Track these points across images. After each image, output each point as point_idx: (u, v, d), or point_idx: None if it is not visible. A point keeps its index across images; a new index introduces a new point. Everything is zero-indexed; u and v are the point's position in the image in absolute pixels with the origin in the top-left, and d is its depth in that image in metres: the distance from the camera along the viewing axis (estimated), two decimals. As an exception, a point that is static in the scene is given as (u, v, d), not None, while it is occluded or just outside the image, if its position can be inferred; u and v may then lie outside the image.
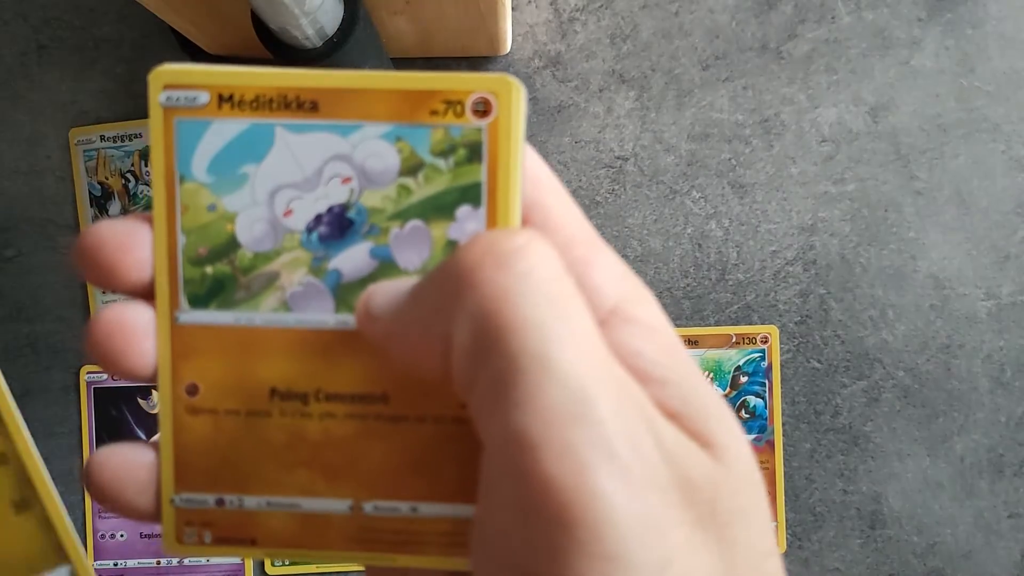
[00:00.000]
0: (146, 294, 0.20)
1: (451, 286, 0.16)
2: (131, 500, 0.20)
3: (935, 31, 0.59)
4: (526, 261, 0.16)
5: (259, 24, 0.41)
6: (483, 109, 0.19)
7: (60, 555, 0.20)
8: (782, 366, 0.59)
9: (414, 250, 0.19)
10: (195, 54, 0.54)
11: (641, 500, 0.15)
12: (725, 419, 0.17)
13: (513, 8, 0.58)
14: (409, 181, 0.19)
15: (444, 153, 0.19)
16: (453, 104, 0.19)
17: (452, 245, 0.19)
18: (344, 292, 0.19)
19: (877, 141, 0.59)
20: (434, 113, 0.19)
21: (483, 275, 0.16)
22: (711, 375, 0.60)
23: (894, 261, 0.59)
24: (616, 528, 0.14)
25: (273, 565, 0.60)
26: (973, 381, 0.59)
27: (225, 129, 0.19)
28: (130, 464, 0.20)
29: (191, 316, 0.19)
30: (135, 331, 0.19)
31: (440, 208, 0.19)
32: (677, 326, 0.59)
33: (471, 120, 0.19)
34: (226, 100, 0.19)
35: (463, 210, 0.19)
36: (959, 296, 0.59)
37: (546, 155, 0.59)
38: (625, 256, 0.59)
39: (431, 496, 0.19)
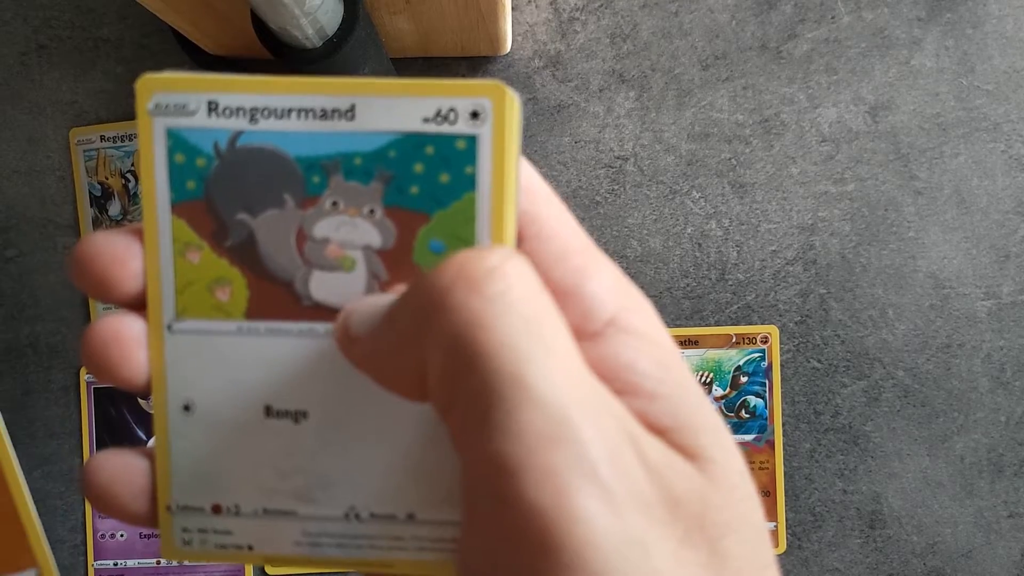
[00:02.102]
0: (141, 305, 0.20)
1: (423, 310, 0.16)
2: (127, 505, 0.20)
3: (935, 31, 0.59)
4: (500, 282, 0.16)
5: (259, 24, 0.41)
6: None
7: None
8: (782, 366, 0.59)
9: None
10: (195, 54, 0.54)
11: (624, 520, 0.14)
12: (717, 432, 0.17)
13: (513, 8, 0.58)
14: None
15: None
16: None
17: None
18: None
19: (877, 141, 0.59)
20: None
21: (455, 299, 0.15)
22: (711, 375, 0.60)
23: (894, 261, 0.59)
24: (599, 550, 0.14)
25: (269, 569, 0.60)
26: (973, 381, 0.59)
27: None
28: (126, 469, 0.20)
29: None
30: (130, 342, 0.19)
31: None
32: (677, 326, 0.59)
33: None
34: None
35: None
36: (959, 296, 0.59)
37: (546, 155, 0.59)
38: (625, 256, 0.59)
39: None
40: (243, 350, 0.19)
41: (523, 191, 0.19)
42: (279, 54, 0.42)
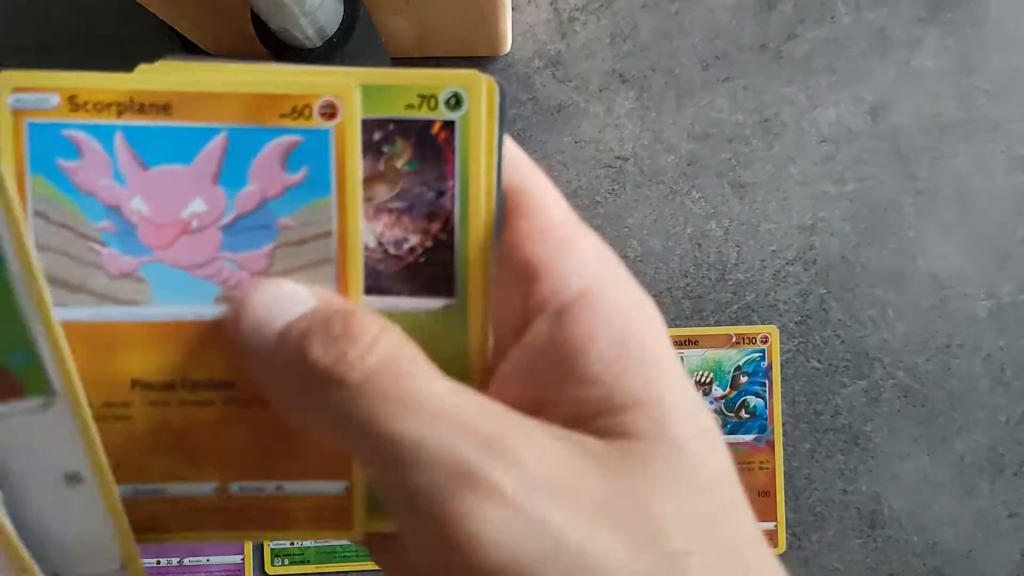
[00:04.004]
0: None
1: (296, 387, 0.18)
2: None
3: (935, 31, 0.59)
4: (363, 366, 0.17)
5: (259, 24, 0.41)
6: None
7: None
8: (782, 366, 0.59)
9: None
10: (195, 53, 0.54)
11: (517, 508, 0.16)
12: (652, 407, 0.18)
13: (513, 8, 0.58)
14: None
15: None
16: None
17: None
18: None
19: (877, 141, 0.59)
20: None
21: (328, 396, 0.17)
22: (711, 375, 0.60)
23: (894, 261, 0.59)
24: (500, 539, 0.16)
25: (272, 565, 0.60)
26: (973, 381, 0.59)
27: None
28: None
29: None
30: None
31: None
32: (677, 326, 0.59)
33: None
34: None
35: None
36: (959, 296, 0.59)
37: (546, 155, 0.59)
38: (625, 256, 0.59)
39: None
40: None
41: (508, 164, 0.20)
42: (279, 54, 0.42)
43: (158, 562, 0.61)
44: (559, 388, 0.18)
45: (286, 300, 0.18)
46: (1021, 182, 0.59)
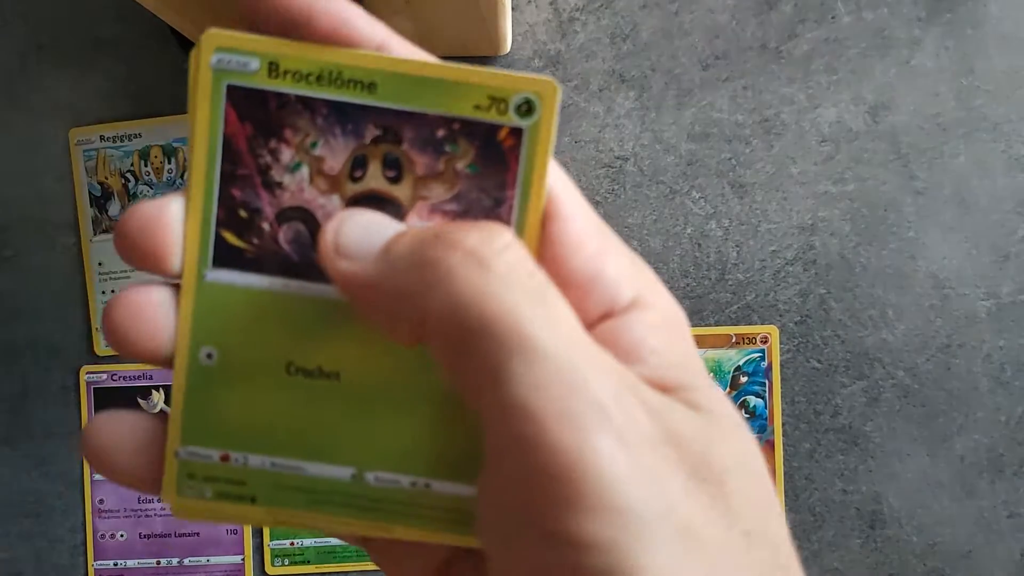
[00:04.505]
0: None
1: (429, 275, 0.17)
2: (126, 462, 0.20)
3: (935, 31, 0.59)
4: (505, 263, 0.17)
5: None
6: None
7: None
8: (782, 366, 0.59)
9: None
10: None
11: (637, 456, 0.16)
12: (714, 391, 0.19)
13: (513, 8, 0.58)
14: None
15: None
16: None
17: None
18: None
19: (877, 141, 0.59)
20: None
21: (463, 272, 0.17)
22: (711, 375, 0.60)
23: (894, 261, 0.59)
24: (618, 482, 0.15)
25: (273, 565, 0.60)
26: (973, 381, 0.59)
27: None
28: (128, 427, 0.20)
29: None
30: (155, 312, 0.19)
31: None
32: (677, 326, 0.59)
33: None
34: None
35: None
36: (959, 296, 0.59)
37: (546, 155, 0.59)
38: (625, 256, 0.59)
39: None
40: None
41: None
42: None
43: (158, 562, 0.61)
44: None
45: (385, 219, 0.19)
46: (1021, 182, 0.59)
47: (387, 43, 0.19)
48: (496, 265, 0.17)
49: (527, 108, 0.19)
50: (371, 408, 0.20)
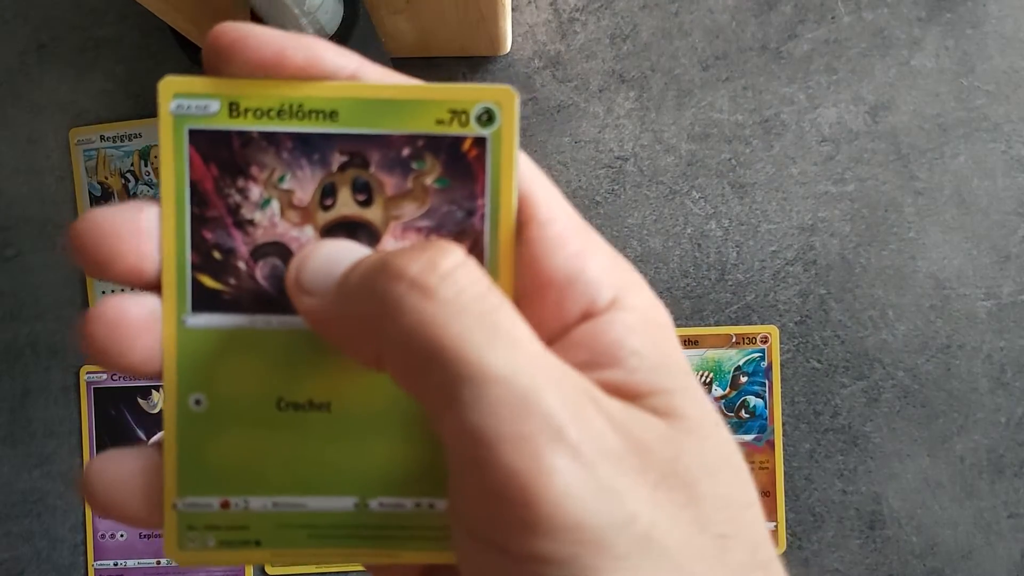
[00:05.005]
0: (143, 284, 0.19)
1: (377, 307, 0.17)
2: (127, 507, 0.19)
3: (935, 31, 0.59)
4: (453, 287, 0.17)
5: (259, 24, 0.41)
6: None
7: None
8: (782, 366, 0.59)
9: None
10: (195, 54, 0.54)
11: (594, 470, 0.16)
12: (689, 392, 0.19)
13: (513, 8, 0.58)
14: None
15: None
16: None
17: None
18: None
19: (877, 141, 0.59)
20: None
21: (408, 303, 0.17)
22: (711, 375, 0.60)
23: (894, 261, 0.59)
24: (573, 500, 0.16)
25: (273, 565, 0.60)
26: (973, 381, 0.59)
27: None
28: (127, 471, 0.20)
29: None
30: (136, 326, 0.19)
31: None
32: (677, 326, 0.59)
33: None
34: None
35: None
36: (959, 296, 0.59)
37: (546, 155, 0.59)
38: (625, 256, 0.59)
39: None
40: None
41: (520, 175, 0.20)
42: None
43: (158, 562, 0.61)
44: (601, 376, 0.18)
45: (349, 247, 0.19)
46: (1021, 182, 0.59)
47: (360, 71, 0.19)
48: (441, 292, 0.17)
49: (488, 117, 0.19)
50: (366, 434, 0.20)
